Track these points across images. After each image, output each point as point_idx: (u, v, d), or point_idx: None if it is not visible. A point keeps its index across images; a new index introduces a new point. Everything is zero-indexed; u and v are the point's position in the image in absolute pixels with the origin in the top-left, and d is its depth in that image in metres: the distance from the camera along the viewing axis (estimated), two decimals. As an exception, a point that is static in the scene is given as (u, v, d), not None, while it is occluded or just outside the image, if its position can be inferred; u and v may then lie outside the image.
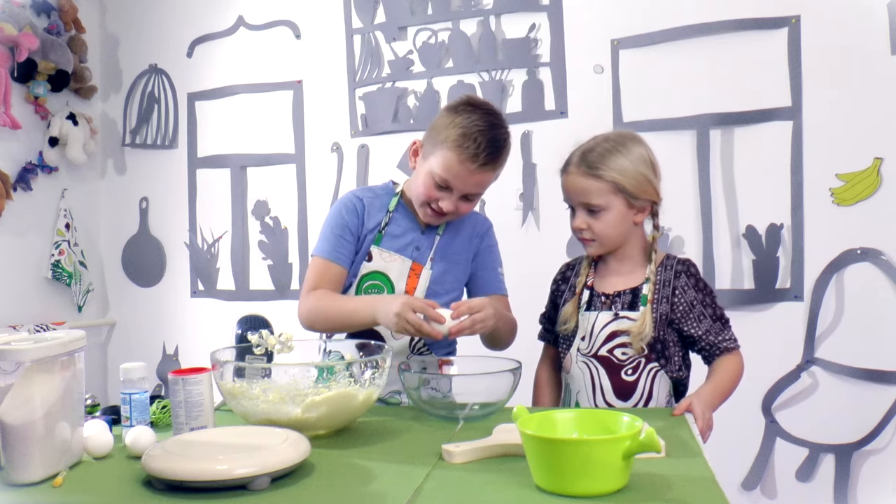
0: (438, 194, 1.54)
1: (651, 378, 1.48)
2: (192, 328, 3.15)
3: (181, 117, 3.18)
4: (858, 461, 2.29)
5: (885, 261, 2.26)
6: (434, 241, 1.65)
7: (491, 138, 1.49)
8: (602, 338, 1.50)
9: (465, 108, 1.52)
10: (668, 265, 1.53)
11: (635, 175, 1.47)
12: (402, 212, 1.67)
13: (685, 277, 1.50)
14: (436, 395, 1.39)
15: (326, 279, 1.60)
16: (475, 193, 1.57)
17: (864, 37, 2.27)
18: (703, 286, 1.51)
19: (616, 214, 1.48)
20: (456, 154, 1.49)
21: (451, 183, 1.52)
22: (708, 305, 1.49)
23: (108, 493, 1.02)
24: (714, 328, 1.48)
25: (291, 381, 1.30)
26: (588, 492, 0.92)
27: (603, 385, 1.49)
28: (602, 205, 1.47)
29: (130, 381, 1.28)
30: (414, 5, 2.80)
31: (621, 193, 1.47)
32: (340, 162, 2.92)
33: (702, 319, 1.48)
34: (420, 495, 0.96)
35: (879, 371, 2.26)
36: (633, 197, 1.48)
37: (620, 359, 1.49)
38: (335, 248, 1.62)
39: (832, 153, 2.31)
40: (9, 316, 2.84)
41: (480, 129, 1.48)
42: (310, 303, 1.58)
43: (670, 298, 1.49)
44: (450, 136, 1.49)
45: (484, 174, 1.52)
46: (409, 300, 1.41)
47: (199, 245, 3.15)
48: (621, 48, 2.55)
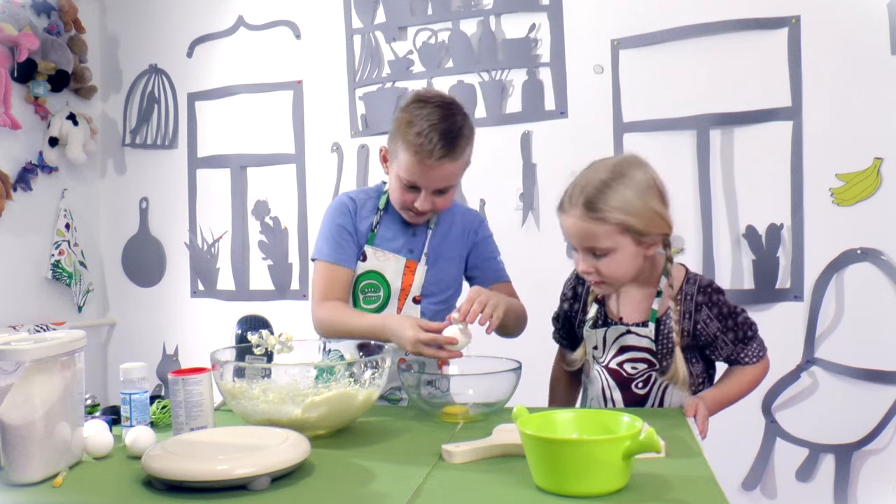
0: (410, 196, 1.55)
1: (662, 391, 1.45)
2: (192, 328, 3.15)
3: (181, 117, 3.18)
4: (858, 461, 2.29)
5: (885, 261, 2.26)
6: (427, 236, 1.66)
7: (443, 131, 1.47)
8: (613, 350, 1.47)
9: (415, 106, 1.52)
10: (689, 294, 1.43)
11: (642, 210, 1.33)
12: (392, 212, 1.67)
13: (706, 309, 1.42)
14: (435, 394, 1.39)
15: (335, 283, 1.61)
16: (446, 186, 1.56)
17: (864, 37, 2.27)
18: (725, 312, 1.43)
19: (625, 255, 1.35)
20: (412, 154, 1.49)
21: (417, 182, 1.53)
22: (730, 330, 1.43)
23: (108, 493, 1.02)
24: (736, 350, 1.44)
25: (291, 381, 1.30)
26: (588, 492, 0.92)
27: (614, 397, 1.47)
28: (609, 248, 1.34)
29: (130, 381, 1.28)
30: (414, 5, 2.80)
31: (629, 233, 1.33)
32: (340, 162, 2.92)
33: (724, 347, 1.44)
34: (420, 495, 0.96)
35: (879, 371, 2.26)
36: (642, 234, 1.35)
37: (630, 372, 1.45)
38: (337, 250, 1.62)
39: (832, 153, 2.31)
40: (9, 316, 2.84)
41: (431, 123, 1.48)
42: (323, 315, 1.59)
43: (692, 331, 1.42)
44: (404, 137, 1.50)
45: (444, 167, 1.50)
46: (417, 334, 1.38)
47: (199, 245, 3.15)
48: (621, 48, 2.55)
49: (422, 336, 1.37)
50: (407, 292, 1.62)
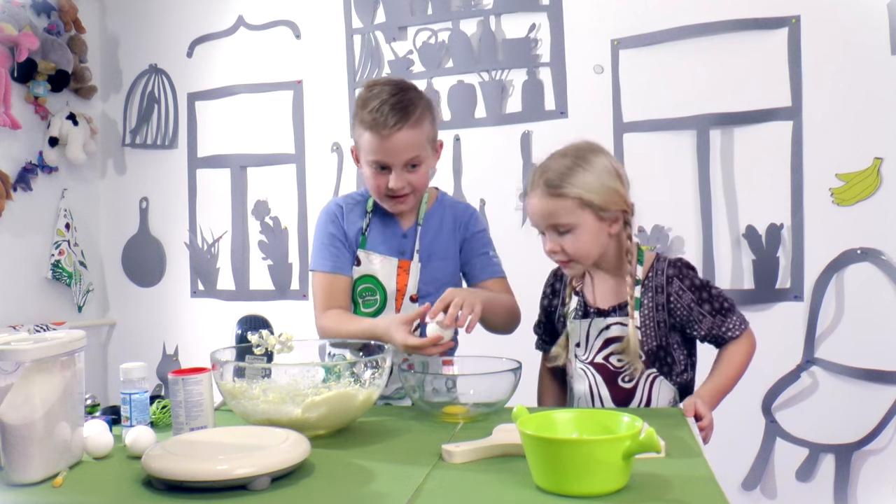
0: (382, 177, 1.57)
1: (649, 384, 1.46)
2: (192, 328, 3.15)
3: (181, 117, 3.18)
4: (858, 461, 2.29)
5: (885, 261, 2.26)
6: (417, 234, 1.65)
7: (394, 102, 1.52)
8: (598, 345, 1.48)
9: (367, 90, 1.58)
10: (659, 270, 1.48)
11: (600, 188, 1.41)
12: (381, 215, 1.68)
13: (677, 281, 1.45)
14: (441, 392, 1.38)
15: (334, 292, 1.63)
16: (412, 158, 1.56)
17: (864, 37, 2.27)
18: (697, 284, 1.46)
19: (587, 231, 1.43)
20: (369, 130, 1.54)
21: (382, 160, 1.55)
22: (705, 302, 1.45)
23: (108, 493, 1.02)
24: (716, 322, 1.45)
25: (291, 381, 1.30)
26: (588, 492, 0.92)
27: (601, 393, 1.48)
28: (570, 223, 1.42)
29: (130, 381, 1.28)
30: (414, 5, 2.80)
31: (588, 208, 1.41)
32: (340, 162, 2.92)
33: (702, 319, 1.45)
34: (420, 495, 0.96)
35: (879, 371, 2.26)
36: (602, 209, 1.42)
37: (616, 366, 1.47)
38: (331, 259, 1.64)
39: (832, 153, 2.31)
40: (9, 316, 2.84)
41: (382, 99, 1.53)
42: (325, 324, 1.62)
43: (666, 306, 1.45)
44: (360, 119, 1.56)
45: (402, 135, 1.53)
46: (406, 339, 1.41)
47: (199, 245, 3.15)
48: (621, 48, 2.55)
49: (410, 342, 1.41)
50: (403, 292, 1.62)
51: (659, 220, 2.47)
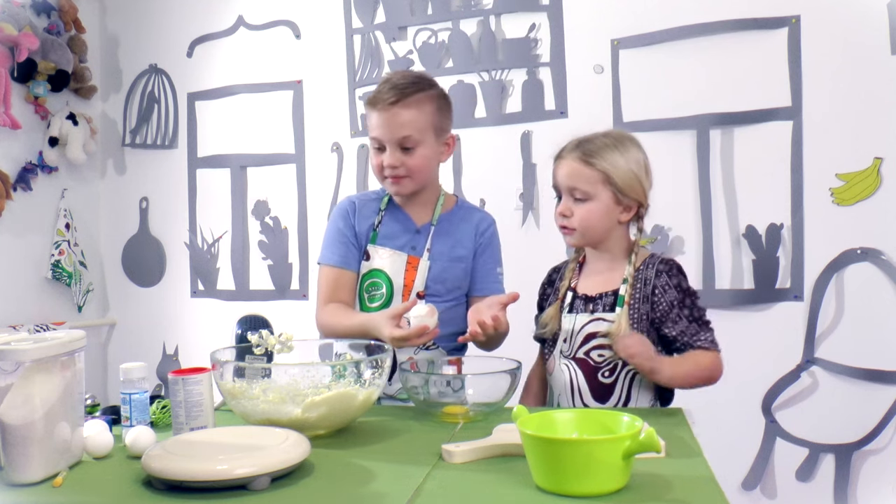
0: (379, 156, 1.61)
1: (629, 380, 1.46)
2: (192, 328, 3.15)
3: (181, 117, 3.18)
4: (858, 461, 2.29)
5: (885, 261, 2.26)
6: (430, 233, 1.67)
7: (394, 82, 1.58)
8: (580, 339, 1.49)
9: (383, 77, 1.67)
10: (651, 263, 1.49)
11: (627, 172, 1.46)
12: (395, 211, 1.70)
13: (666, 277, 1.46)
14: (445, 393, 1.38)
15: (337, 286, 1.66)
16: (404, 138, 1.58)
17: (864, 37, 2.27)
18: (685, 287, 1.47)
19: (601, 206, 1.47)
20: (369, 106, 1.61)
21: (378, 136, 1.59)
22: (686, 307, 1.45)
23: (108, 493, 1.02)
24: (690, 329, 1.44)
25: (291, 381, 1.30)
26: (588, 492, 0.92)
27: (581, 387, 1.48)
28: (589, 193, 1.47)
29: (130, 381, 1.28)
30: (414, 5, 2.80)
31: (610, 186, 1.46)
32: (340, 162, 2.92)
33: (678, 320, 1.44)
34: (420, 495, 0.96)
35: (879, 371, 2.26)
36: (622, 192, 1.47)
37: (597, 360, 1.47)
38: (339, 254, 1.67)
39: (832, 153, 2.31)
40: (9, 316, 2.84)
41: (389, 80, 1.60)
42: (322, 318, 1.65)
43: (650, 297, 1.46)
44: (367, 100, 1.63)
45: (398, 112, 1.56)
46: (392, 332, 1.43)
47: (199, 245, 3.15)
48: (621, 48, 2.55)
49: (396, 334, 1.43)
50: (410, 288, 1.63)
51: (659, 220, 2.47)
